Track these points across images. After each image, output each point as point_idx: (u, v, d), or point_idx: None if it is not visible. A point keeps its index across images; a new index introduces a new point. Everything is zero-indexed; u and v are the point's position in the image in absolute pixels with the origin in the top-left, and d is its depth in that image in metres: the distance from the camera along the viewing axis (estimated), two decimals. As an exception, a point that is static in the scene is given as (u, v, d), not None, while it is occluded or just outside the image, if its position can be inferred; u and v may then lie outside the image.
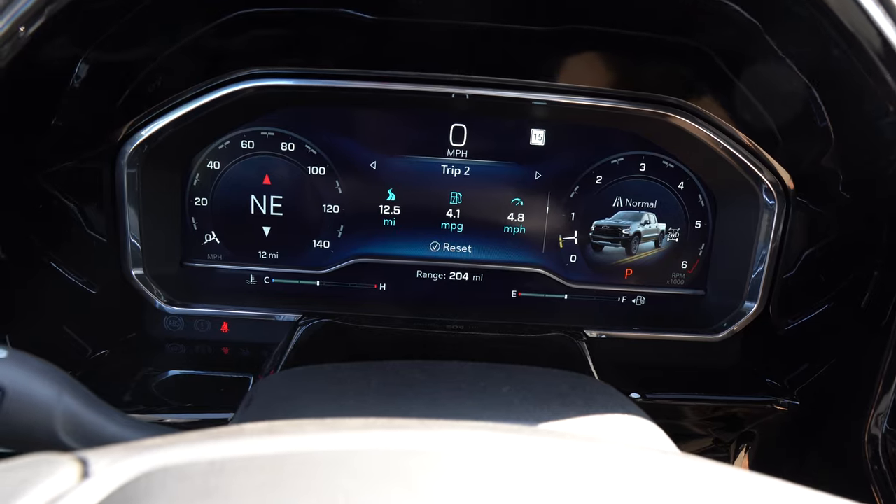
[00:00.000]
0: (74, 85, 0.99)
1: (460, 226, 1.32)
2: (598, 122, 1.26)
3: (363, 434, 0.50)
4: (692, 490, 0.46)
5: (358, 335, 1.21)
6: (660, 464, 0.48)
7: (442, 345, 1.21)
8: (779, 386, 1.23)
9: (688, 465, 0.49)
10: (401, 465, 0.45)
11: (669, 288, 1.37)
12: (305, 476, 0.43)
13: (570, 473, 0.46)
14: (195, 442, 0.47)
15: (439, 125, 1.27)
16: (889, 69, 0.87)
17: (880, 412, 1.04)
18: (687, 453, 0.72)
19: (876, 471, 1.05)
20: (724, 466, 0.49)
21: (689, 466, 0.48)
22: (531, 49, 1.16)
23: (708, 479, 0.47)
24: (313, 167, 1.28)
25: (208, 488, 0.42)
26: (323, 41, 1.16)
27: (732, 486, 0.46)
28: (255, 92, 1.16)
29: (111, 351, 1.19)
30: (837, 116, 1.03)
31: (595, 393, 0.82)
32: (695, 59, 1.11)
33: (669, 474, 0.47)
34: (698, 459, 0.51)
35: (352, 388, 0.78)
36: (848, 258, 1.12)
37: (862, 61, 0.88)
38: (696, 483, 0.46)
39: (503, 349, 1.21)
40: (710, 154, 1.21)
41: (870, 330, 1.03)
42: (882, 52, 0.86)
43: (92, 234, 1.16)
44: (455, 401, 0.75)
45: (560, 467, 0.46)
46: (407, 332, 1.23)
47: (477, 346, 1.22)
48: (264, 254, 1.32)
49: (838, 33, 0.87)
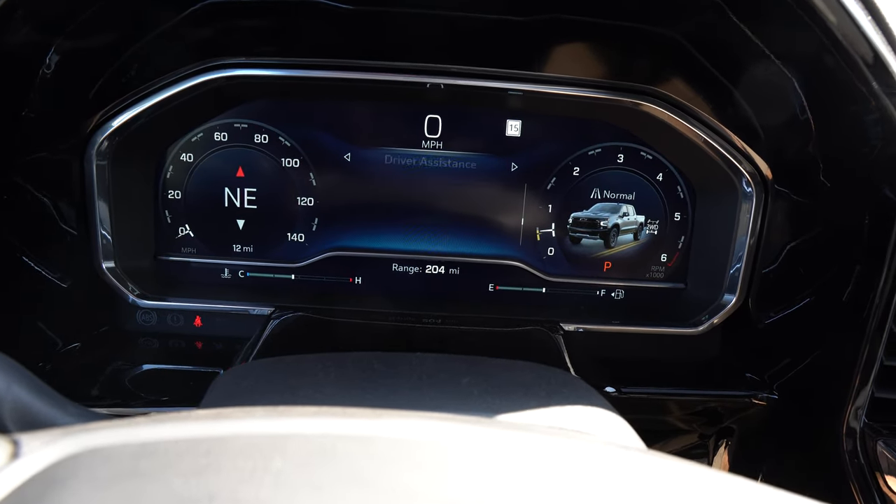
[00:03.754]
0: (45, 74, 0.98)
1: (436, 218, 1.31)
2: (574, 113, 1.25)
3: (300, 420, 0.49)
4: (633, 483, 0.45)
5: (330, 329, 1.20)
6: (608, 456, 0.47)
7: (417, 339, 1.20)
8: (758, 380, 1.21)
9: (632, 458, 0.47)
10: (334, 449, 0.45)
11: (649, 281, 1.35)
12: (236, 457, 0.43)
13: (512, 464, 0.45)
14: (128, 426, 0.46)
15: (414, 116, 1.25)
16: (874, 75, 0.87)
17: (858, 406, 1.03)
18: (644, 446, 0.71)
19: (855, 464, 1.04)
20: (673, 460, 0.48)
21: (633, 459, 0.47)
22: (507, 39, 1.14)
23: (650, 470, 0.46)
24: (287, 159, 1.27)
25: (136, 469, 0.41)
26: (298, 31, 1.15)
27: (676, 480, 0.45)
28: (226, 82, 1.15)
29: (83, 344, 1.18)
30: (819, 109, 1.02)
31: (559, 385, 0.80)
32: (672, 50, 1.10)
33: (616, 466, 0.46)
34: (645, 452, 0.50)
35: (310, 379, 0.77)
36: (829, 252, 1.11)
37: (849, 65, 0.87)
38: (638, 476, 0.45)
39: (478, 343, 1.20)
40: (688, 145, 1.20)
41: (849, 324, 1.02)
42: (870, 59, 0.86)
43: (64, 227, 1.15)
44: (413, 391, 0.74)
45: (502, 457, 0.45)
46: (381, 326, 1.22)
47: (452, 340, 1.21)
48: (238, 247, 1.31)
49: (827, 38, 0.87)
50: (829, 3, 0.84)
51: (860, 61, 0.87)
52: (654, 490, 0.44)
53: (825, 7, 0.85)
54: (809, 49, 0.93)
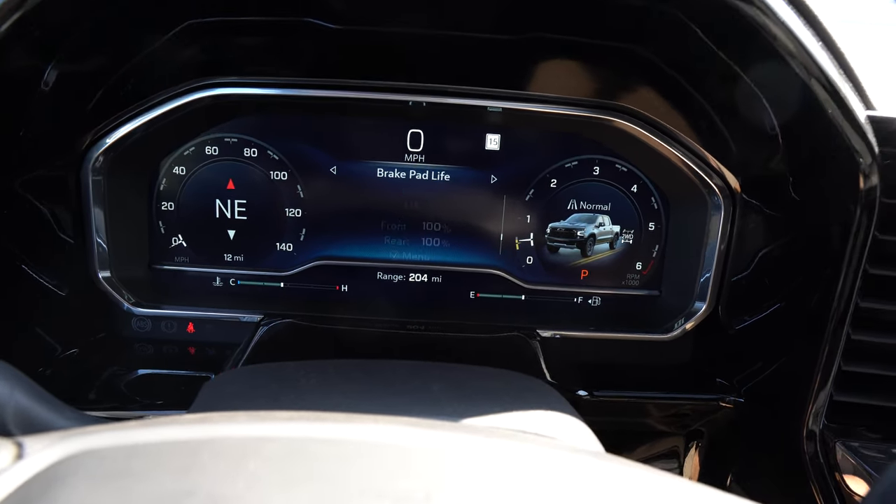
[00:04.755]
0: (42, 94, 1.02)
1: (419, 229, 1.36)
2: (551, 128, 1.30)
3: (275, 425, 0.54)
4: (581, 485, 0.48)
5: (317, 335, 1.25)
6: (560, 459, 0.51)
7: (400, 345, 1.25)
8: (727, 384, 1.26)
9: (583, 461, 0.51)
10: (308, 453, 0.49)
11: (625, 289, 1.40)
12: (218, 459, 0.47)
13: (473, 465, 0.49)
14: (121, 429, 0.51)
15: (397, 131, 1.30)
16: (830, 100, 0.92)
17: (818, 408, 1.07)
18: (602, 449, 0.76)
19: (815, 465, 1.08)
20: (624, 463, 0.51)
21: (583, 462, 0.51)
22: (486, 58, 1.19)
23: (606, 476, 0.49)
24: (275, 172, 1.32)
25: (128, 468, 0.45)
26: (286, 50, 1.20)
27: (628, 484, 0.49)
28: (215, 100, 1.20)
29: (80, 350, 1.23)
30: (787, 127, 1.06)
31: (524, 390, 0.85)
32: (645, 68, 1.15)
33: (567, 469, 0.49)
34: (596, 455, 0.53)
35: (288, 386, 0.82)
36: (796, 260, 1.15)
37: (807, 89, 0.93)
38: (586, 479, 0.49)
39: (459, 349, 1.25)
40: (660, 159, 1.24)
41: (812, 330, 1.06)
42: (826, 85, 0.92)
43: (61, 236, 1.20)
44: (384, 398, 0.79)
45: (464, 460, 0.49)
46: (366, 332, 1.27)
47: (434, 346, 1.25)
48: (230, 256, 1.36)
49: (786, 63, 0.92)
50: (783, 30, 0.89)
51: (819, 93, 0.92)
52: (598, 492, 0.47)
53: (783, 36, 0.90)
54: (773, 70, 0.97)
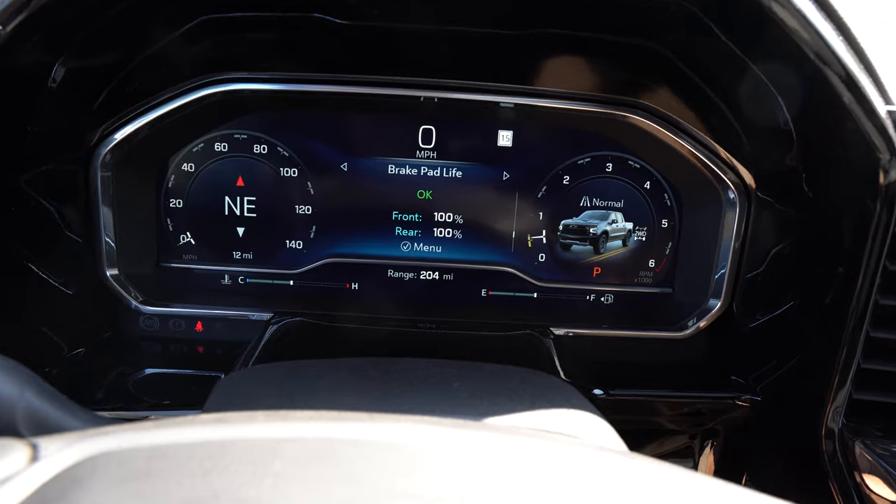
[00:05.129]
0: (51, 90, 1.02)
1: (430, 226, 1.34)
2: (563, 124, 1.28)
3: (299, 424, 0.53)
4: (610, 484, 0.47)
5: (328, 334, 1.23)
6: (587, 457, 0.50)
7: (412, 343, 1.24)
8: (743, 382, 1.25)
9: (610, 460, 0.50)
10: (333, 453, 0.48)
11: (638, 286, 1.39)
12: (241, 460, 0.46)
13: (496, 465, 0.48)
14: (140, 430, 0.49)
15: (408, 127, 1.29)
16: (847, 90, 0.91)
17: (837, 407, 1.06)
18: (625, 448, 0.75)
19: (834, 464, 1.07)
20: (652, 462, 0.50)
21: (611, 461, 0.50)
22: (499, 53, 1.18)
23: (633, 474, 0.48)
24: (285, 169, 1.31)
25: (149, 470, 0.44)
26: (295, 46, 1.19)
27: (657, 483, 0.48)
28: (225, 96, 1.18)
29: (87, 349, 1.21)
30: (801, 121, 1.05)
31: (544, 388, 0.84)
32: (658, 63, 1.14)
33: (594, 468, 0.48)
34: (623, 454, 0.52)
35: (305, 384, 0.80)
36: (812, 257, 1.14)
37: (823, 81, 0.91)
38: (616, 478, 0.48)
39: (471, 347, 1.23)
40: (674, 155, 1.23)
41: (830, 327, 1.05)
42: (842, 76, 0.90)
43: (69, 234, 1.18)
44: (404, 396, 0.77)
45: (487, 459, 0.48)
46: (377, 331, 1.25)
47: (446, 344, 1.24)
48: (238, 254, 1.35)
49: (801, 54, 0.90)
50: (801, 23, 0.88)
51: (839, 88, 0.91)
52: (631, 491, 0.46)
53: (798, 26, 0.89)
54: (789, 63, 0.96)
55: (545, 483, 0.47)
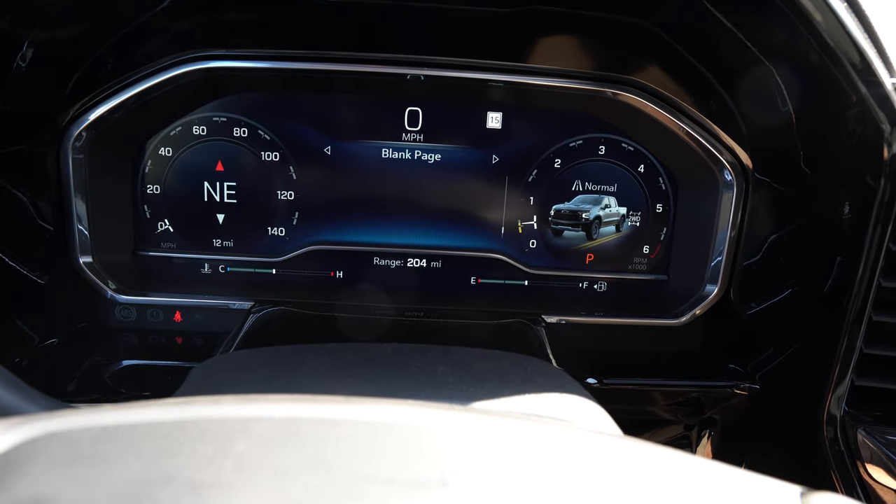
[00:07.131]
0: (20, 66, 0.97)
1: (417, 212, 1.30)
2: (555, 104, 1.24)
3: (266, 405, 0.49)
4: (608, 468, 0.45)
5: (311, 323, 1.19)
6: (583, 441, 0.47)
7: (398, 333, 1.20)
8: (741, 370, 1.22)
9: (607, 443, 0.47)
10: (300, 434, 0.44)
11: (632, 273, 1.35)
12: (200, 441, 0.43)
13: (482, 448, 0.45)
14: (90, 412, 0.46)
15: (394, 109, 1.24)
16: (858, 73, 0.87)
17: (839, 394, 1.04)
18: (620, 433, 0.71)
19: (836, 452, 1.05)
20: (649, 445, 0.48)
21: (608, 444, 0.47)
22: (487, 30, 1.14)
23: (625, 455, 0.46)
24: (267, 153, 1.26)
25: (96, 452, 0.41)
26: (277, 23, 1.14)
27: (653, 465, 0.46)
28: (205, 74, 1.14)
29: (60, 340, 1.17)
30: (800, 100, 1.02)
31: (535, 373, 0.80)
32: (652, 40, 1.10)
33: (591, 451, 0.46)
34: (621, 437, 0.50)
35: (284, 368, 0.76)
36: (811, 242, 1.11)
37: (833, 62, 0.88)
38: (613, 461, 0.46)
39: (459, 336, 1.20)
40: (669, 135, 1.20)
41: (830, 313, 1.02)
42: (855, 59, 0.87)
43: (40, 222, 1.14)
44: (387, 380, 0.73)
45: (471, 442, 0.45)
46: (361, 320, 1.21)
47: (434, 333, 1.20)
48: (219, 242, 1.30)
49: (812, 35, 0.87)
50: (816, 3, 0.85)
51: (844, 59, 0.87)
52: (629, 474, 0.44)
53: (811, 7, 0.85)
54: (792, 43, 0.93)
55: (529, 463, 0.44)
